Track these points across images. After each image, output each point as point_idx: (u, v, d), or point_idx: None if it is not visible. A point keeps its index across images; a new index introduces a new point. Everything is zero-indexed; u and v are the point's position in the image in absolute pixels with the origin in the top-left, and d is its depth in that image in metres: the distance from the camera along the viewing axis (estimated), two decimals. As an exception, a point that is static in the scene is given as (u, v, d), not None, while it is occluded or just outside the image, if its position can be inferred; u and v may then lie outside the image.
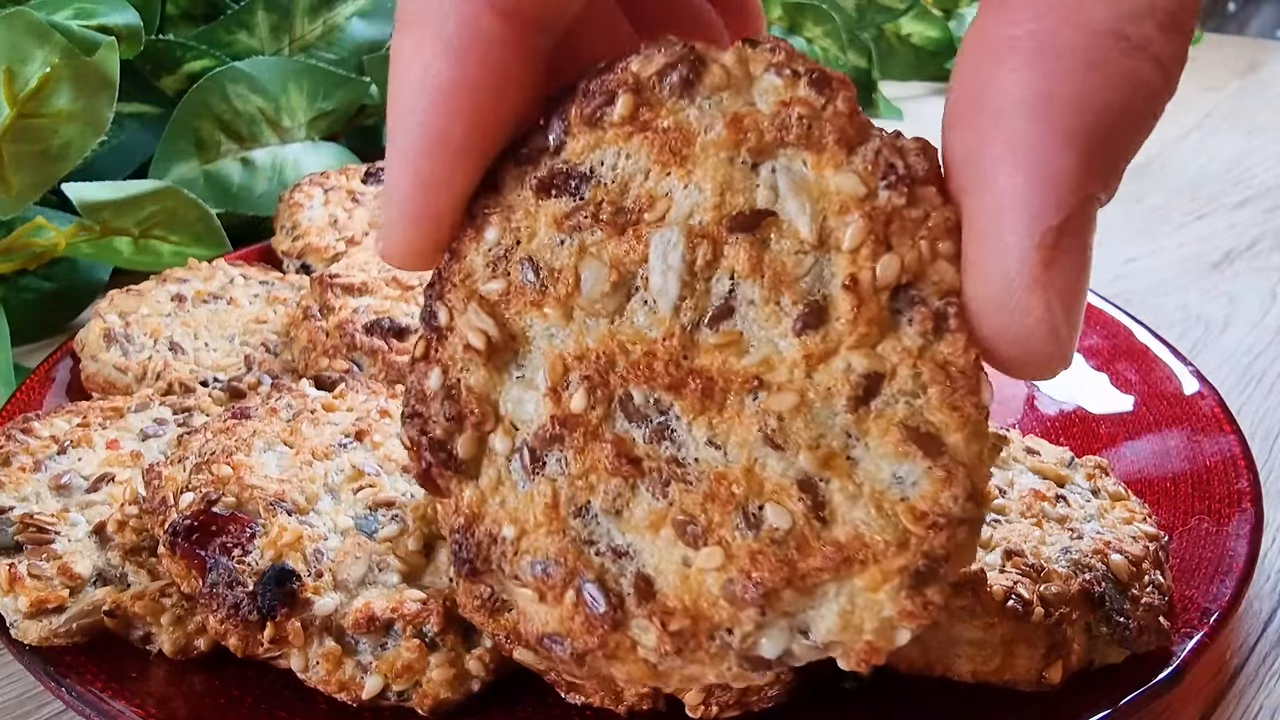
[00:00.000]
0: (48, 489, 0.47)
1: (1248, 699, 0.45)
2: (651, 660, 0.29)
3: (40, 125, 0.66)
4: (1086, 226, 0.27)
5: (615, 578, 0.29)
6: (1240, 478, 0.50)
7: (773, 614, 0.28)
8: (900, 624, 0.28)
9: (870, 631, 0.28)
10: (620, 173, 0.31)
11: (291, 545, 0.41)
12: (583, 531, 0.30)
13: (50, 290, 0.75)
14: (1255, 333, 0.76)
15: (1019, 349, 0.28)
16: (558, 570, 0.29)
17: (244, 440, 0.46)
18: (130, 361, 0.60)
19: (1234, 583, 0.44)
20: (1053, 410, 0.62)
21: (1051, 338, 0.28)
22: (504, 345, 0.31)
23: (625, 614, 0.29)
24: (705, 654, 0.29)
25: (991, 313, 0.28)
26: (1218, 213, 0.99)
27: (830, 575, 0.28)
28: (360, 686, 0.40)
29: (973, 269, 0.28)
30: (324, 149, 0.90)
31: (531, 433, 0.31)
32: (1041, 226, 0.26)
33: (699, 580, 0.29)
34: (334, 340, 0.59)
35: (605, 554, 0.30)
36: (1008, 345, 0.28)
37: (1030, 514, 0.44)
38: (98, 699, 0.39)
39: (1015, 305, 0.27)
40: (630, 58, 0.31)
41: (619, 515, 0.30)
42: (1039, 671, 0.39)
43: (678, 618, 0.28)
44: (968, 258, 0.28)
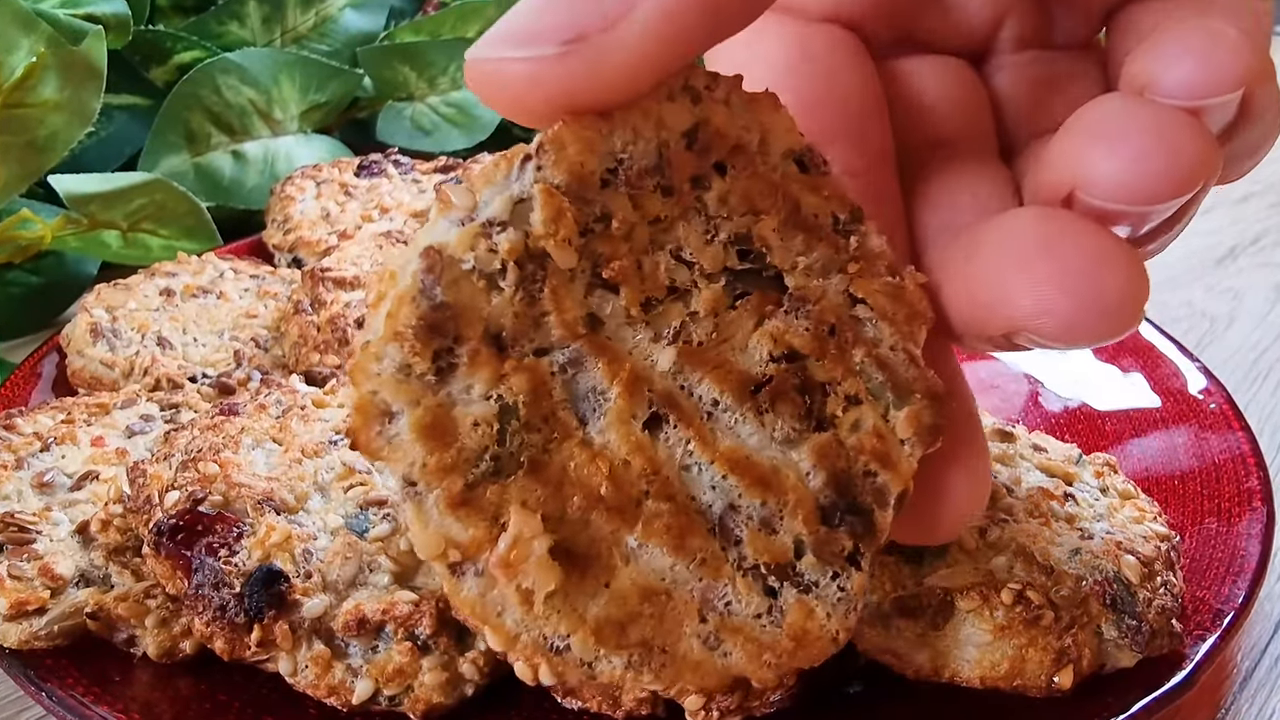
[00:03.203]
0: (29, 487, 0.46)
1: (1260, 701, 0.44)
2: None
3: (26, 115, 0.65)
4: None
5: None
6: (1250, 476, 0.49)
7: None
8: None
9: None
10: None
11: (280, 545, 0.40)
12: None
13: (37, 284, 0.74)
14: (1261, 329, 0.76)
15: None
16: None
17: (232, 437, 0.45)
18: (117, 357, 0.59)
19: (1246, 583, 0.43)
20: (1057, 407, 0.61)
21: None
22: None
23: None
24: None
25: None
26: (1222, 208, 0.98)
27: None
28: (350, 691, 0.39)
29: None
30: (316, 142, 0.89)
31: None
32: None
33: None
34: (325, 335, 0.58)
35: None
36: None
37: (1038, 513, 0.43)
38: (79, 704, 0.38)
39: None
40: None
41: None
42: (1049, 676, 0.38)
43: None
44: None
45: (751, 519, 0.27)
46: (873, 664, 0.40)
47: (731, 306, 0.28)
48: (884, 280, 0.29)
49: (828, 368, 0.29)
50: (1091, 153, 0.26)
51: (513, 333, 0.26)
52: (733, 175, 0.28)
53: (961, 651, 0.38)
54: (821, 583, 0.28)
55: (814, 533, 0.28)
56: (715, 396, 0.28)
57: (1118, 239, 0.26)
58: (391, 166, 0.81)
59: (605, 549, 0.26)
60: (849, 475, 0.28)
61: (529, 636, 0.25)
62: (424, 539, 0.25)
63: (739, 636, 0.27)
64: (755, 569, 0.27)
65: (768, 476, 0.28)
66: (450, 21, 0.98)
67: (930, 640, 0.38)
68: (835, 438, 0.28)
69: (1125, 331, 0.26)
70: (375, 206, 0.76)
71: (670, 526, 0.27)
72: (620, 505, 0.26)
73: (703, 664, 0.27)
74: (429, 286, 0.25)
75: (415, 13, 1.05)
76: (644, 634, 0.26)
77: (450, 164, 0.81)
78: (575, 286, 0.27)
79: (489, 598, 0.25)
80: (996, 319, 0.28)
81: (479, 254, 0.26)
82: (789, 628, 0.27)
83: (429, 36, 0.97)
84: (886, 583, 0.39)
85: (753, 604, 0.27)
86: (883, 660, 0.39)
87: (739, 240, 0.29)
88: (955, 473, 0.30)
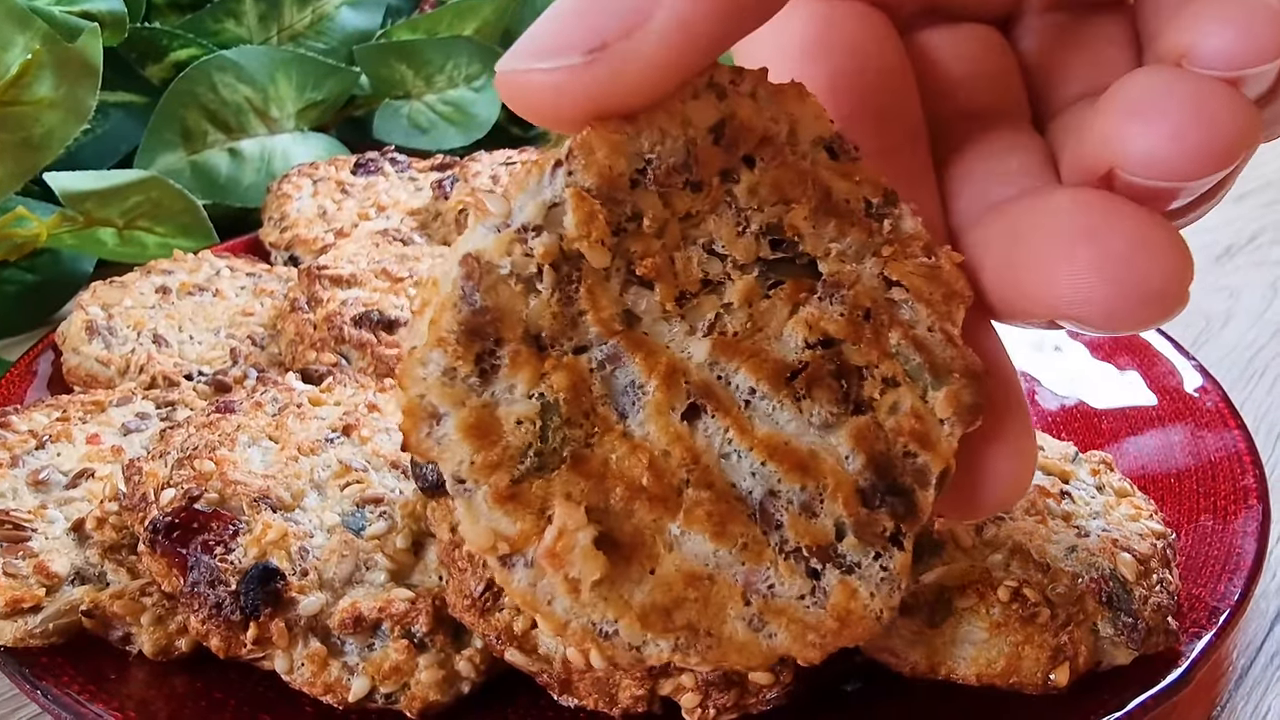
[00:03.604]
0: (25, 485, 0.46)
1: (1256, 698, 0.44)
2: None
3: (21, 113, 0.65)
4: None
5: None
6: (1246, 474, 0.49)
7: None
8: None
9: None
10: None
11: (276, 543, 0.40)
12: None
13: (32, 282, 0.74)
14: (1257, 327, 0.76)
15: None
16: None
17: (228, 435, 0.45)
18: (113, 354, 0.59)
19: (1242, 581, 0.43)
20: (1054, 405, 0.61)
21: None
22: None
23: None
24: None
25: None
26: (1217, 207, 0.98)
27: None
28: (346, 689, 0.39)
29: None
30: (313, 140, 0.89)
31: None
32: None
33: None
34: (322, 333, 0.58)
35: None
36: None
37: (1034, 511, 0.43)
38: (75, 702, 0.38)
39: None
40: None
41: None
42: (1045, 674, 0.38)
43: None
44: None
45: (792, 503, 0.28)
46: (870, 662, 0.40)
47: (765, 296, 0.29)
48: (919, 261, 0.30)
49: (864, 351, 0.29)
50: (1129, 130, 0.26)
51: (551, 333, 0.27)
52: (761, 167, 0.29)
53: (958, 649, 0.38)
54: (864, 563, 0.28)
55: (854, 515, 0.28)
56: (752, 385, 0.28)
57: (1159, 221, 0.26)
58: (388, 164, 0.81)
59: (649, 537, 0.27)
60: (888, 457, 0.29)
61: (578, 623, 0.26)
62: (474, 533, 0.26)
63: (783, 618, 0.27)
64: (797, 552, 0.28)
65: (806, 461, 0.28)
66: (447, 19, 0.98)
67: (927, 638, 0.38)
68: (874, 420, 0.29)
69: (1170, 316, 0.26)
70: (372, 204, 0.76)
71: (711, 514, 0.27)
72: (662, 494, 0.27)
73: (748, 645, 0.27)
74: (469, 292, 0.26)
75: (412, 11, 1.05)
76: (689, 618, 0.27)
77: (447, 162, 0.81)
78: (610, 285, 0.28)
79: (539, 587, 0.26)
80: (1039, 307, 0.28)
81: (515, 258, 0.27)
82: (833, 608, 0.28)
83: (426, 34, 0.97)
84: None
85: (796, 585, 0.28)
86: (879, 658, 0.39)
87: (770, 230, 0.29)
88: (999, 449, 0.30)
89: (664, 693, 0.38)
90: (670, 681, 0.38)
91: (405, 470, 0.45)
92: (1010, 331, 0.50)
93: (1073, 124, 0.31)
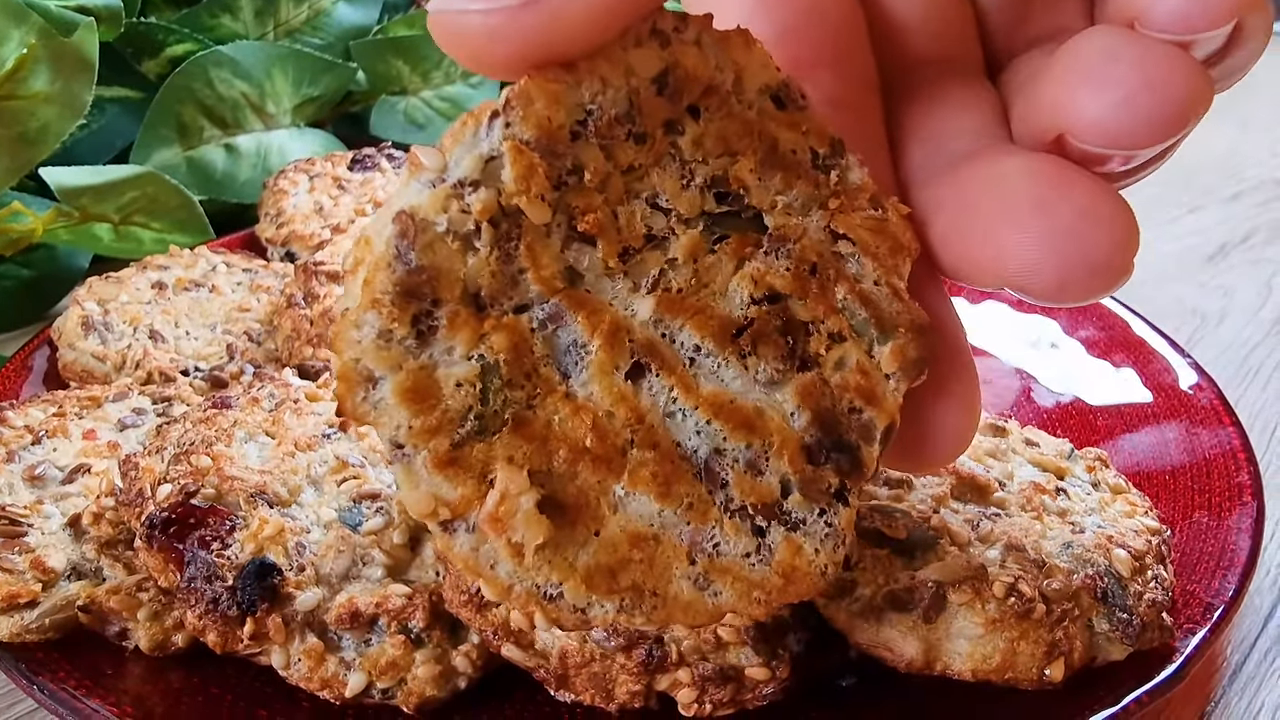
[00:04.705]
0: (21, 480, 0.46)
1: (1250, 694, 0.44)
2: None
3: (17, 107, 0.65)
4: None
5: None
6: (1240, 471, 0.50)
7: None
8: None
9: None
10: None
11: (273, 538, 0.40)
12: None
13: (28, 277, 0.74)
14: (1251, 325, 0.76)
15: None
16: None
17: (224, 430, 0.45)
18: (109, 350, 0.59)
19: (1236, 577, 0.43)
20: (1050, 402, 0.61)
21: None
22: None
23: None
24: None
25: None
26: (1212, 206, 0.98)
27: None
28: (343, 684, 0.39)
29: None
30: (309, 135, 0.89)
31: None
32: None
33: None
34: (318, 329, 0.58)
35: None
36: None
37: (1030, 507, 0.43)
38: (71, 697, 0.38)
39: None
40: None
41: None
42: (1040, 669, 0.38)
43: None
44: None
45: (737, 462, 0.28)
46: (865, 657, 0.40)
47: (710, 251, 0.28)
48: (866, 214, 0.29)
49: (810, 307, 0.29)
50: (1080, 97, 0.25)
51: (491, 292, 0.26)
52: (706, 117, 0.28)
53: (953, 644, 0.38)
54: (809, 520, 0.28)
55: (800, 472, 0.28)
56: (697, 343, 0.28)
57: (1108, 192, 0.26)
58: (385, 160, 0.81)
59: (593, 499, 0.26)
60: (834, 413, 0.28)
61: (522, 587, 0.26)
62: (414, 499, 0.26)
63: (729, 576, 0.27)
64: (743, 510, 0.28)
65: (752, 419, 0.28)
66: (444, 15, 0.98)
67: (922, 633, 0.38)
68: (819, 377, 0.29)
69: (1115, 287, 0.26)
70: (368, 200, 0.76)
71: (656, 474, 0.27)
72: (606, 456, 0.27)
73: (693, 604, 0.27)
74: (403, 251, 0.25)
75: (408, 6, 1.05)
76: (635, 579, 0.26)
77: (444, 158, 0.80)
78: (551, 241, 0.27)
79: (481, 552, 0.26)
80: (987, 276, 0.28)
81: (452, 215, 0.26)
82: (778, 565, 0.28)
83: (422, 30, 0.97)
84: (879, 576, 0.39)
85: (741, 544, 0.27)
86: (875, 654, 0.39)
87: (716, 183, 0.28)
88: (944, 403, 0.30)
89: (660, 688, 0.38)
90: (667, 677, 0.38)
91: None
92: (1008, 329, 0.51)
93: (1025, 77, 0.31)
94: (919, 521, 0.40)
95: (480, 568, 0.26)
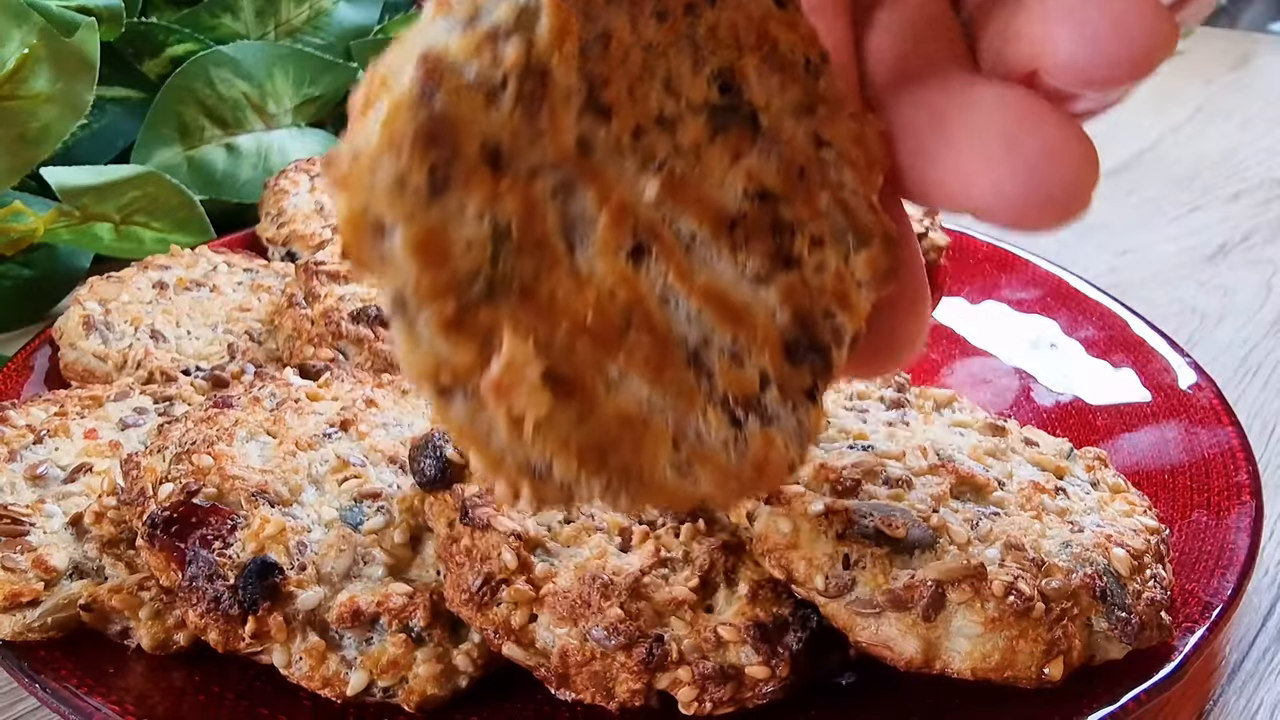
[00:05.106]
0: (23, 479, 0.46)
1: (1248, 694, 0.44)
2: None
3: (18, 108, 0.65)
4: None
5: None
6: (1239, 470, 0.50)
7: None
8: None
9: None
10: None
11: (274, 537, 0.40)
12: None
13: (29, 277, 0.74)
14: (1251, 325, 0.76)
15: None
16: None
17: (226, 430, 0.45)
18: (110, 349, 0.59)
19: (1235, 576, 0.43)
20: (1049, 401, 0.61)
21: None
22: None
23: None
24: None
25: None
26: (1212, 205, 0.98)
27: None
28: (344, 683, 0.39)
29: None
30: (310, 135, 0.89)
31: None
32: None
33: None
34: (319, 328, 0.58)
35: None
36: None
37: (1029, 506, 0.43)
38: (73, 695, 0.38)
39: None
40: None
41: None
42: (1039, 668, 0.38)
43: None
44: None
45: (723, 352, 0.28)
46: (865, 656, 0.40)
47: (711, 141, 0.28)
48: (848, 124, 0.29)
49: (796, 208, 0.29)
50: (1055, 36, 0.27)
51: (508, 152, 0.25)
52: (721, 5, 0.28)
53: (953, 643, 0.38)
54: (783, 415, 0.29)
55: (779, 369, 0.28)
56: (694, 230, 0.27)
57: (1075, 128, 0.27)
58: (385, 160, 0.81)
59: (590, 378, 0.26)
60: (812, 315, 0.29)
61: (514, 460, 0.25)
62: (414, 360, 0.24)
63: (708, 465, 0.27)
64: (724, 401, 0.28)
65: (740, 312, 0.28)
66: (444, 15, 0.98)
67: (922, 632, 0.38)
68: (801, 278, 0.29)
69: (1071, 219, 0.28)
70: (369, 200, 0.76)
71: (650, 358, 0.27)
72: (605, 335, 0.26)
73: (673, 489, 0.27)
74: (428, 94, 0.23)
75: (409, 6, 1.05)
76: (623, 460, 0.26)
77: (444, 158, 0.80)
78: (570, 107, 0.25)
79: (477, 420, 0.25)
80: (949, 201, 0.29)
81: (482, 63, 0.24)
82: (752, 456, 0.28)
83: (423, 30, 0.97)
84: (878, 575, 0.39)
85: (721, 434, 0.28)
86: (874, 652, 0.39)
87: (721, 75, 0.28)
88: (900, 314, 0.31)
89: (661, 687, 0.38)
90: (667, 676, 0.38)
91: (403, 465, 0.45)
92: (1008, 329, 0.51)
93: (991, 3, 0.32)
94: (918, 520, 0.40)
95: (475, 436, 0.25)
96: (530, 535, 0.40)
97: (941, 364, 0.66)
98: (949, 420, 0.48)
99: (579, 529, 0.41)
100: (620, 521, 0.42)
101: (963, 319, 0.70)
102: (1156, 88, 1.32)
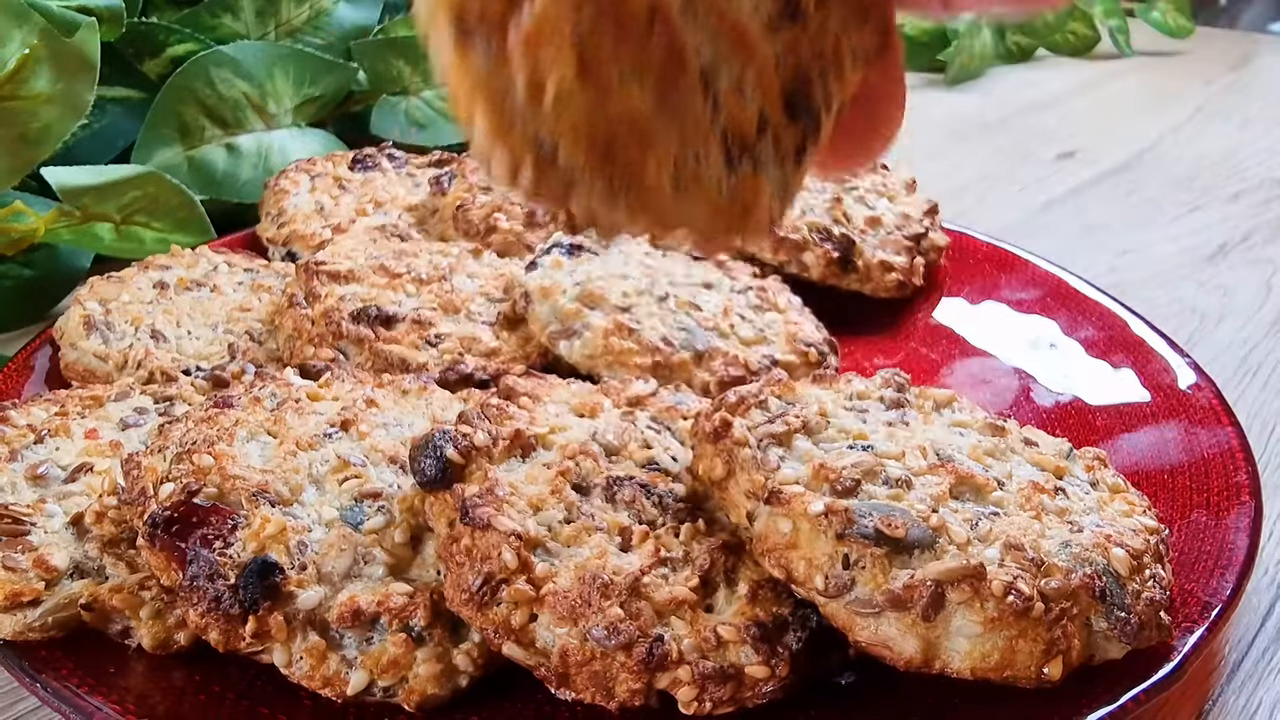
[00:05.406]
0: (24, 479, 0.46)
1: (1247, 693, 0.45)
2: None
3: (18, 108, 0.65)
4: None
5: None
6: (1239, 470, 0.50)
7: None
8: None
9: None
10: None
11: (274, 537, 0.40)
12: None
13: (30, 277, 0.74)
14: (1250, 325, 0.76)
15: None
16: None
17: (226, 430, 0.45)
18: (110, 349, 0.59)
19: (1234, 576, 0.43)
20: (1049, 402, 0.61)
21: None
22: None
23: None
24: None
25: None
26: (1211, 205, 0.98)
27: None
28: (345, 682, 0.39)
29: None
30: (310, 135, 0.89)
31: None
32: None
33: None
34: (319, 328, 0.58)
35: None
36: None
37: (1029, 506, 0.43)
38: (74, 695, 0.38)
39: None
40: None
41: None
42: (1039, 668, 0.38)
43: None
44: None
45: (731, 80, 0.28)
46: (865, 655, 0.40)
47: None
48: None
49: None
50: None
51: None
52: None
53: (952, 643, 0.38)
54: (771, 167, 0.29)
55: (776, 116, 0.29)
56: None
57: None
58: (386, 160, 0.81)
59: (608, 69, 0.25)
60: (809, 73, 0.30)
61: (522, 129, 0.24)
62: None
63: (702, 193, 0.28)
64: (724, 137, 0.28)
65: (751, 47, 0.28)
66: (444, 15, 0.98)
67: (921, 632, 0.38)
68: (805, 33, 0.30)
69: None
70: (369, 200, 0.76)
71: (667, 66, 0.26)
72: (628, 27, 0.25)
73: (668, 205, 0.27)
74: None
75: (409, 6, 1.05)
76: (629, 159, 0.26)
77: (444, 158, 0.81)
78: None
79: (494, 76, 0.24)
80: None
81: None
82: (741, 197, 0.29)
83: (423, 30, 0.97)
84: (878, 575, 0.39)
85: (716, 170, 0.28)
86: (874, 652, 0.39)
87: None
88: (881, 97, 0.33)
89: (661, 686, 0.38)
90: (667, 675, 0.38)
91: (403, 465, 0.45)
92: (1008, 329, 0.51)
93: None
94: (918, 520, 0.40)
95: (490, 93, 0.24)
96: (530, 535, 0.40)
97: (941, 364, 0.66)
98: (949, 420, 0.48)
99: (579, 529, 0.41)
100: (620, 521, 0.42)
101: (963, 319, 0.70)
102: (1156, 88, 1.32)
